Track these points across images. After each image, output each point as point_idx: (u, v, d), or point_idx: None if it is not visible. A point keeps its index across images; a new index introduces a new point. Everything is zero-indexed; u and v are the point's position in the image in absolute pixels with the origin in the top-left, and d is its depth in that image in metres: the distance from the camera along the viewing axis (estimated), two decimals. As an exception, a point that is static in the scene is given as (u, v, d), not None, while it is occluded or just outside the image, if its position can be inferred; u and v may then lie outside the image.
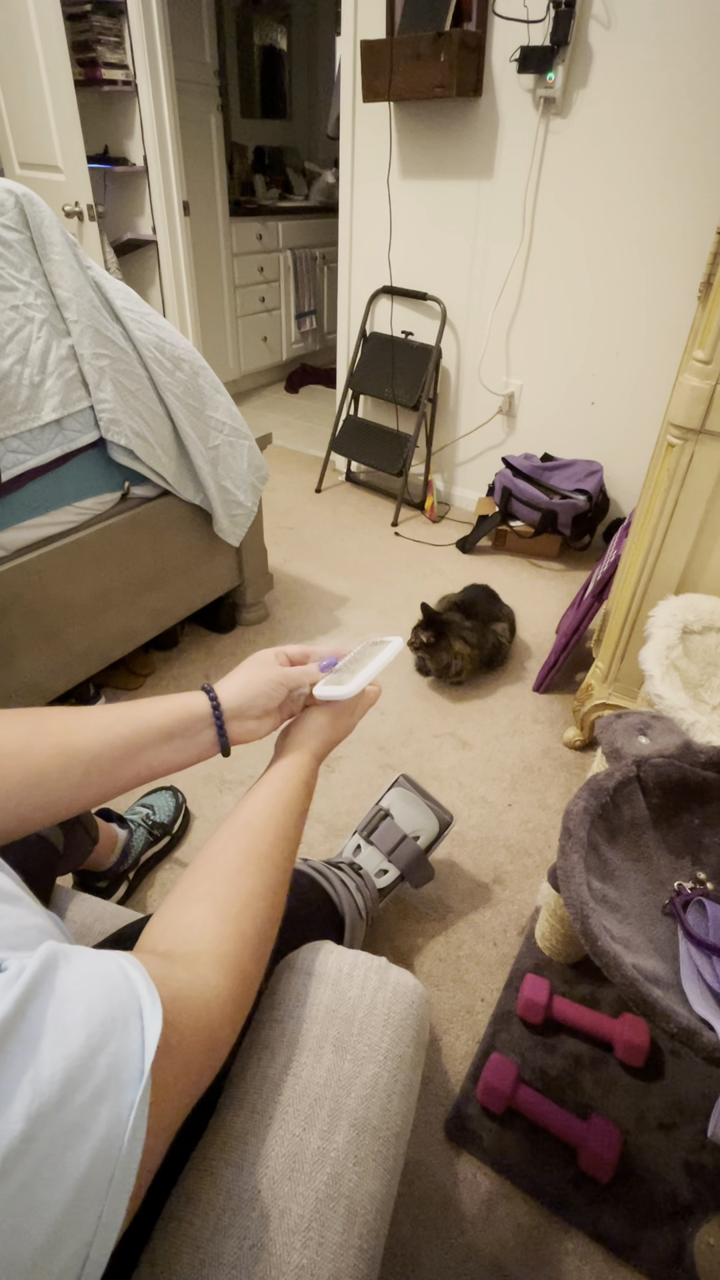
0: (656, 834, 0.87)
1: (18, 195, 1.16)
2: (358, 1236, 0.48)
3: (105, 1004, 0.34)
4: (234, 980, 0.45)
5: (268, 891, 0.53)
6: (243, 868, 0.53)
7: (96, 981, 0.35)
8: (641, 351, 2.14)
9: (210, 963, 0.45)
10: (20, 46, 2.31)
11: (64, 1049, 0.31)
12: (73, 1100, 0.30)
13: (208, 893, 0.51)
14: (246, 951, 0.48)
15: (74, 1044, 0.31)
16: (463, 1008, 1.09)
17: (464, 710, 1.69)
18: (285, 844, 0.57)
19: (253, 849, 0.55)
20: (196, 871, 0.53)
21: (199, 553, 1.67)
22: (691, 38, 1.72)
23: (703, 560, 1.22)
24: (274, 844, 0.56)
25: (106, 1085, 0.31)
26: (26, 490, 1.27)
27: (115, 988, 0.35)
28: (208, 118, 3.17)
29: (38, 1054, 0.30)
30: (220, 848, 0.55)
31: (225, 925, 0.48)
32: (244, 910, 0.50)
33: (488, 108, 2.08)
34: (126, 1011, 0.34)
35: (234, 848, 0.55)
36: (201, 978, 0.43)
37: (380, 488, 2.85)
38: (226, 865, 0.53)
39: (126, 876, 1.20)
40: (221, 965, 0.45)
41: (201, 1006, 0.41)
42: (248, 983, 0.47)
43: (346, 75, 2.26)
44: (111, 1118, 0.31)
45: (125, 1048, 0.33)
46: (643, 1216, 0.86)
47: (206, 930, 0.47)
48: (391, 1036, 0.57)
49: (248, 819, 0.58)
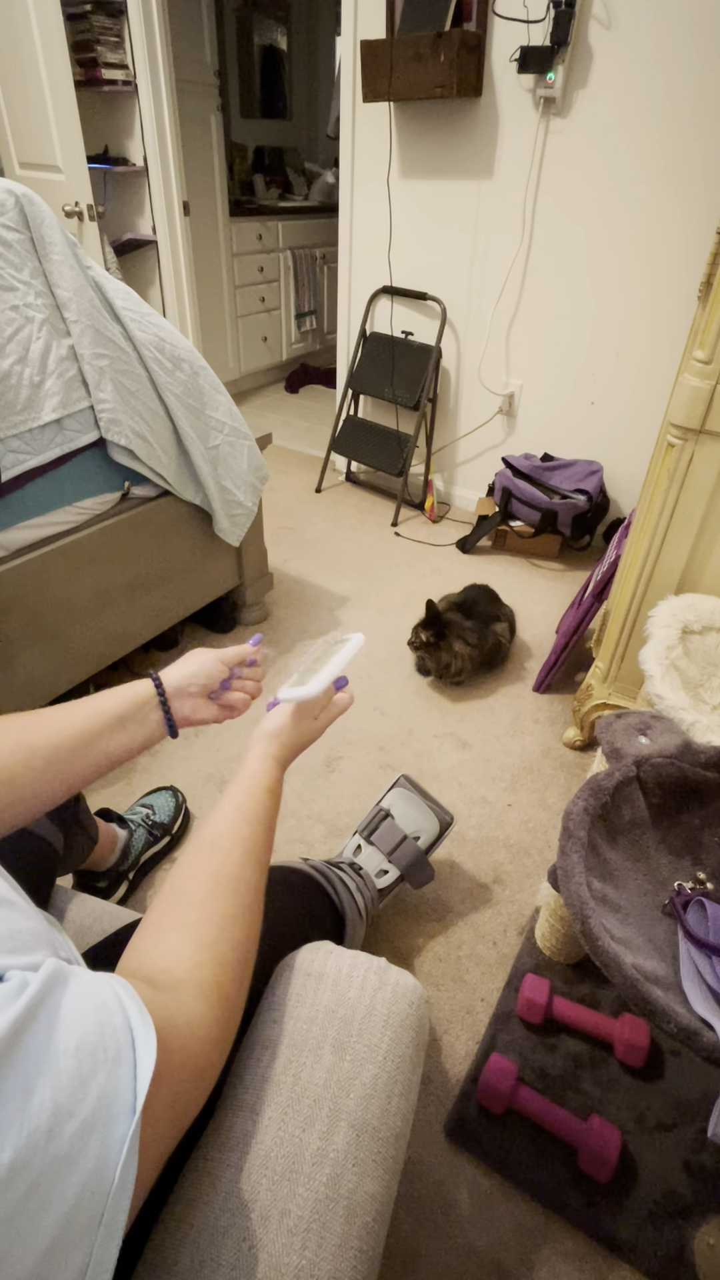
0: (656, 834, 0.87)
1: (18, 195, 1.16)
2: (357, 1237, 0.48)
3: (98, 1033, 0.33)
4: (217, 1007, 0.45)
5: (241, 912, 0.52)
6: (213, 891, 0.52)
7: (92, 1009, 0.34)
8: (641, 351, 2.14)
9: (192, 991, 0.44)
10: (20, 46, 2.31)
11: (54, 1077, 0.30)
12: (62, 1131, 0.29)
13: (180, 920, 0.50)
14: (227, 976, 0.47)
15: (64, 1072, 0.30)
16: (463, 1008, 1.09)
17: (464, 710, 1.69)
18: (254, 859, 0.56)
19: (221, 870, 0.54)
20: (166, 898, 0.52)
21: (199, 553, 1.67)
22: (691, 38, 1.72)
23: (703, 560, 1.22)
24: (242, 861, 0.55)
25: (96, 1117, 0.31)
26: (26, 490, 1.27)
27: (110, 1015, 0.35)
28: (208, 118, 3.17)
29: (30, 1080, 0.29)
30: (188, 871, 0.54)
31: (202, 952, 0.47)
32: (219, 935, 0.49)
33: (488, 108, 2.07)
34: (119, 1042, 0.34)
35: (202, 870, 0.54)
36: (186, 1005, 0.43)
37: (380, 488, 2.85)
38: (196, 890, 0.52)
39: (126, 876, 1.20)
40: (203, 993, 0.45)
41: (188, 1034, 0.41)
42: (231, 1007, 0.47)
43: (346, 75, 2.26)
44: (101, 1150, 0.31)
45: (116, 1079, 0.32)
46: (643, 1216, 0.86)
47: (184, 958, 0.46)
48: (391, 1037, 0.57)
49: (212, 838, 0.56)
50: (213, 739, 1.56)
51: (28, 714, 0.59)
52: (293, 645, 1.88)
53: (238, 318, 3.62)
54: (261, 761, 0.64)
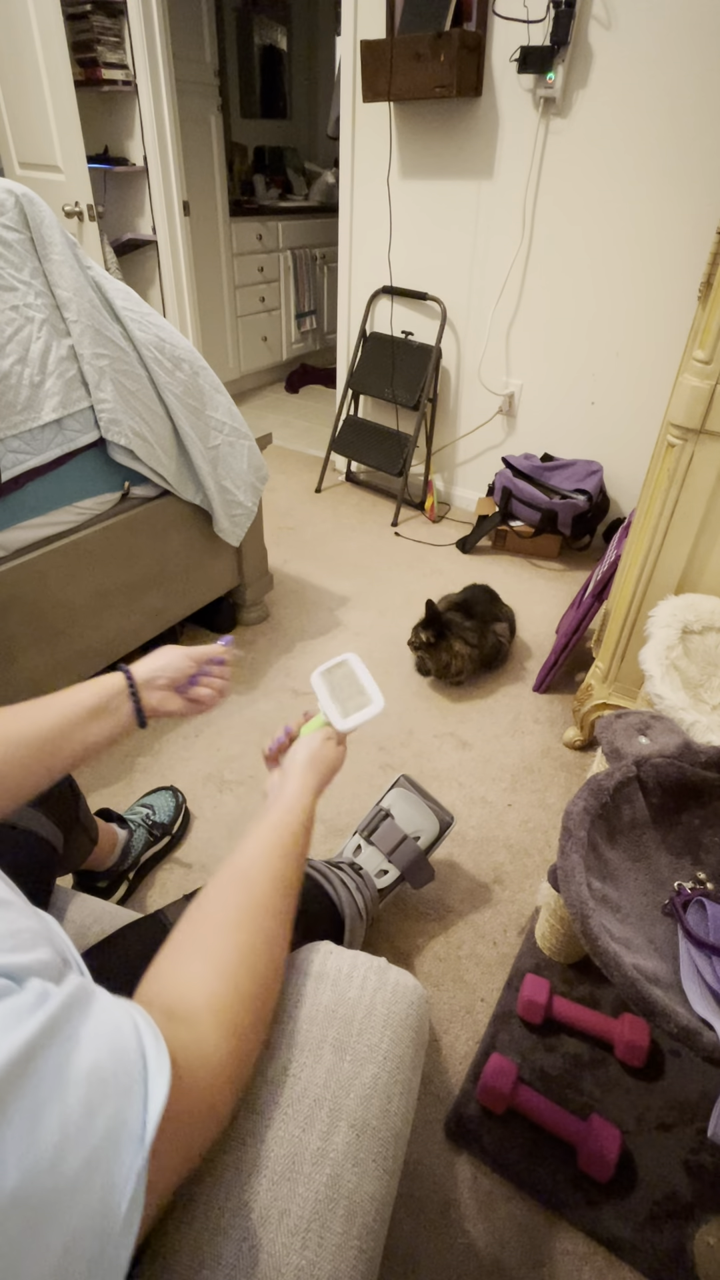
0: (656, 834, 0.87)
1: (18, 195, 1.16)
2: (357, 1237, 0.48)
3: (113, 1060, 0.32)
4: (233, 1039, 0.44)
5: (266, 945, 0.52)
6: (240, 921, 0.52)
7: (108, 1035, 0.33)
8: (641, 351, 2.14)
9: (209, 1022, 0.43)
10: (20, 46, 2.31)
11: (63, 1105, 0.29)
12: (66, 1162, 0.28)
13: (203, 948, 0.49)
14: (245, 1009, 0.46)
15: (75, 1100, 0.29)
16: (463, 1008, 1.08)
17: (464, 710, 1.69)
18: (283, 893, 0.56)
19: (250, 900, 0.54)
20: (193, 923, 0.52)
21: (199, 553, 1.67)
22: (691, 38, 1.72)
23: (703, 560, 1.22)
24: (270, 894, 0.55)
25: (103, 1149, 0.30)
26: (26, 490, 1.27)
27: (125, 1043, 0.33)
28: (208, 118, 3.17)
29: (39, 1105, 0.28)
30: (217, 898, 0.54)
31: (222, 982, 0.46)
32: (241, 966, 0.48)
33: (488, 108, 2.07)
34: (131, 1072, 0.33)
35: (230, 900, 0.54)
36: (202, 1037, 0.42)
37: (380, 488, 2.85)
38: (223, 920, 0.52)
39: (126, 876, 1.20)
40: (220, 1024, 0.44)
41: (200, 1066, 0.40)
42: (247, 1041, 0.46)
43: (346, 75, 2.26)
44: (105, 1184, 0.29)
45: (126, 1110, 0.31)
46: (643, 1216, 0.86)
47: (204, 988, 0.46)
48: (391, 1037, 0.57)
49: (244, 869, 0.57)
50: (213, 740, 1.56)
51: (7, 709, 0.61)
52: (292, 645, 1.88)
53: (238, 318, 3.62)
54: (299, 797, 0.66)
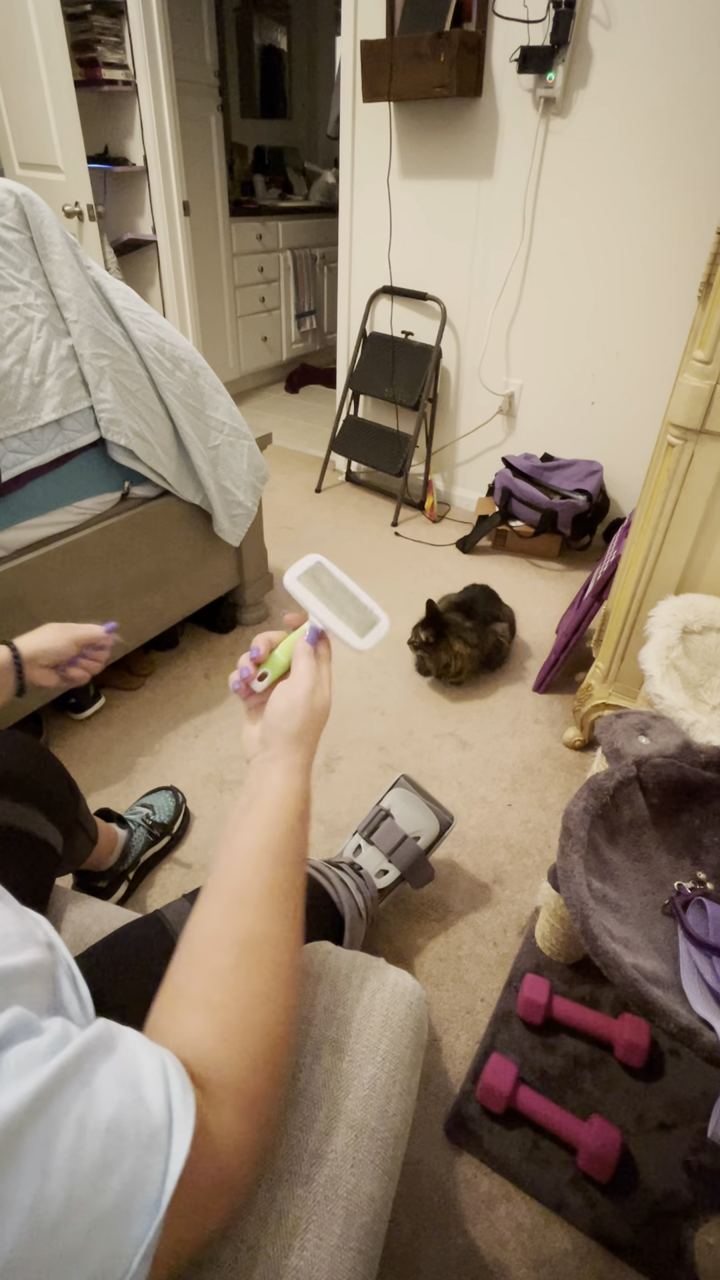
0: (656, 834, 0.87)
1: (18, 195, 1.16)
2: (355, 1238, 0.48)
3: (135, 1111, 0.29)
4: (245, 1110, 0.38)
5: (276, 987, 0.43)
6: (240, 961, 0.43)
7: (132, 1083, 0.30)
8: (641, 351, 2.14)
9: (219, 1096, 0.37)
10: (20, 46, 2.31)
11: (75, 1161, 0.26)
12: (70, 1226, 0.26)
13: (201, 998, 0.42)
14: (258, 1075, 0.40)
15: (88, 1156, 0.27)
16: (463, 1008, 1.08)
17: (464, 710, 1.69)
18: (288, 908, 0.47)
19: (249, 933, 0.44)
20: (187, 963, 0.44)
21: (199, 553, 1.67)
22: (691, 38, 1.72)
23: (703, 560, 1.22)
24: (274, 916, 0.46)
25: (110, 1217, 0.27)
26: (27, 490, 1.27)
27: (152, 1092, 0.30)
28: (208, 118, 3.17)
29: (48, 1161, 0.26)
30: (210, 933, 0.45)
31: (226, 1046, 0.40)
32: (248, 1022, 0.41)
33: (488, 108, 2.07)
34: (154, 1125, 0.29)
35: (226, 933, 0.44)
36: (213, 1102, 0.37)
37: (380, 488, 2.85)
38: (219, 961, 0.43)
39: (126, 876, 1.20)
40: (229, 1096, 0.38)
41: (215, 1135, 0.35)
42: (261, 1112, 0.39)
43: (346, 75, 2.26)
44: (110, 1251, 0.27)
45: (144, 1168, 0.28)
46: (643, 1216, 0.86)
47: (204, 1054, 0.39)
48: (390, 1038, 0.57)
49: (235, 889, 0.46)
50: (213, 740, 1.56)
51: None
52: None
53: (238, 318, 3.62)
54: (288, 778, 0.52)
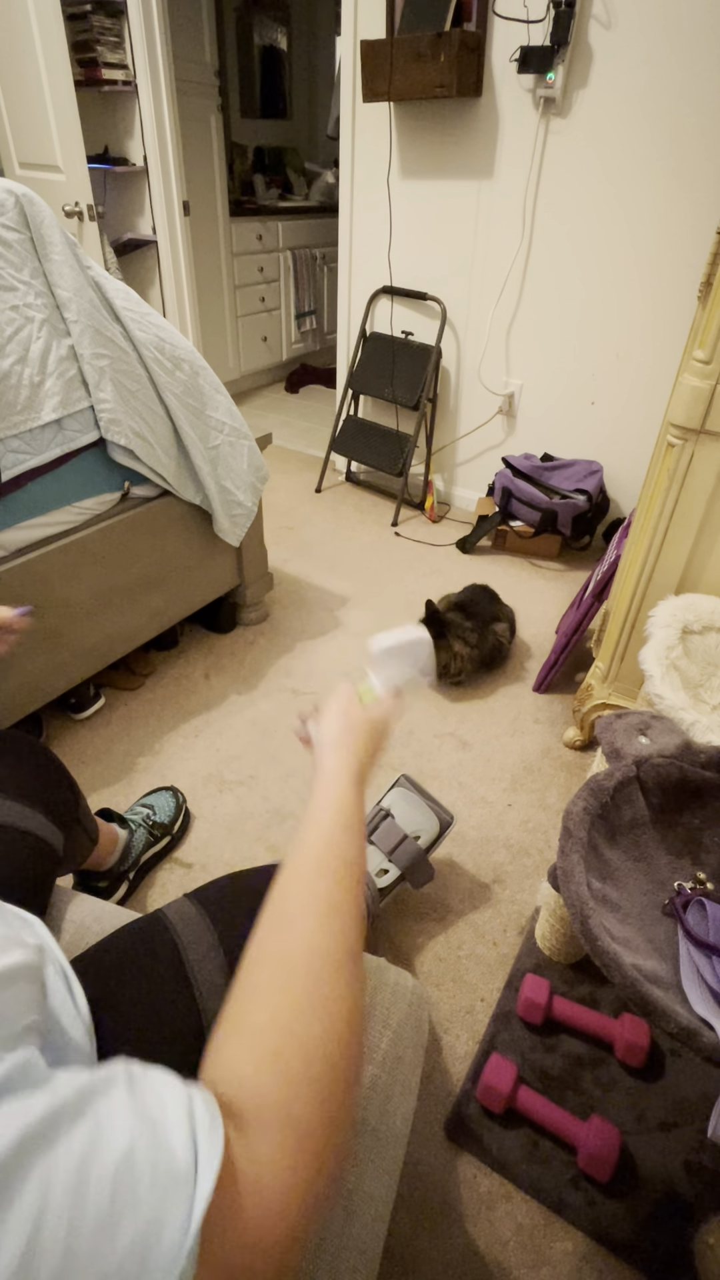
0: (656, 834, 0.87)
1: (18, 195, 1.16)
2: (356, 1237, 0.48)
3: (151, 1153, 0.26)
4: (291, 1145, 0.34)
5: (320, 1003, 0.40)
6: (275, 978, 0.41)
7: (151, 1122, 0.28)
8: (641, 351, 2.14)
9: (258, 1128, 0.34)
10: (20, 46, 2.31)
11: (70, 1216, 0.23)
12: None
13: (240, 1021, 0.40)
14: (300, 1097, 0.36)
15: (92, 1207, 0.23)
16: (463, 1008, 1.08)
17: (464, 710, 1.69)
18: (337, 921, 0.44)
19: (290, 948, 0.42)
20: (234, 990, 0.41)
21: (199, 553, 1.67)
22: (691, 38, 1.72)
23: (703, 560, 1.22)
24: (317, 930, 0.43)
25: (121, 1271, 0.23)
26: (27, 490, 1.27)
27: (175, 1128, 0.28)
28: (208, 118, 3.17)
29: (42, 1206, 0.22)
30: (251, 955, 0.43)
31: (264, 1073, 0.37)
32: (287, 1042, 0.38)
33: (488, 108, 2.07)
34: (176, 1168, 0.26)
35: (268, 950, 0.43)
36: (245, 1142, 0.33)
37: (380, 488, 2.85)
38: (260, 980, 0.41)
39: (126, 876, 1.20)
40: (271, 1127, 0.34)
41: (244, 1174, 0.31)
42: (315, 1141, 0.35)
43: (346, 75, 2.26)
44: None
45: (161, 1218, 0.25)
46: (643, 1216, 0.86)
47: (245, 1080, 0.36)
48: (390, 1038, 0.57)
49: (281, 904, 0.45)
50: (213, 740, 1.57)
51: None
52: (292, 645, 1.88)
53: (238, 318, 3.62)
54: (333, 785, 0.50)
